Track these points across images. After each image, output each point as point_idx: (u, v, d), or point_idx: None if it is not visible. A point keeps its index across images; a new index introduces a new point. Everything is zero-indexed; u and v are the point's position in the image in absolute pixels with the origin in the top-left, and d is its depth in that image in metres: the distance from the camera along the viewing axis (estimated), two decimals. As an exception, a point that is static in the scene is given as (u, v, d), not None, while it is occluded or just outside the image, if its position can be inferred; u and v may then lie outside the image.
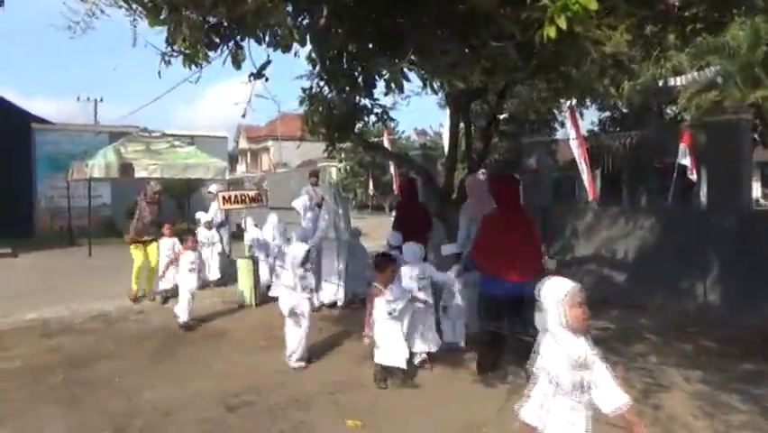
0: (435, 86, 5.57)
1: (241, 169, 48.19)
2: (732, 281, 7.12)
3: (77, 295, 8.73)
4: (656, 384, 4.99)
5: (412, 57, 3.50)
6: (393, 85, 3.72)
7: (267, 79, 4.37)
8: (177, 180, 15.79)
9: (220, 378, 5.31)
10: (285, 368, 5.56)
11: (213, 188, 11.75)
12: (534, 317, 2.90)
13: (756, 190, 16.23)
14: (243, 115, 4.86)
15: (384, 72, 5.13)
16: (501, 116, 12.70)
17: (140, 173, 13.94)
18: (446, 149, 13.29)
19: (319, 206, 8.62)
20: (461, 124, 8.36)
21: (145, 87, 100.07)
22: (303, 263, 5.70)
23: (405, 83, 4.46)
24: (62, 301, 8.30)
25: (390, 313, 4.87)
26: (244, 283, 8.45)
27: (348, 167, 32.14)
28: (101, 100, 31.28)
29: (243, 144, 53.84)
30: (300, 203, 8.81)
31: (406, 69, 3.91)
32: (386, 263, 5.06)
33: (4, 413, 4.55)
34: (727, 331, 6.46)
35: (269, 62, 4.31)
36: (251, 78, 4.32)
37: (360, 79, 5.63)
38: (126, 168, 13.83)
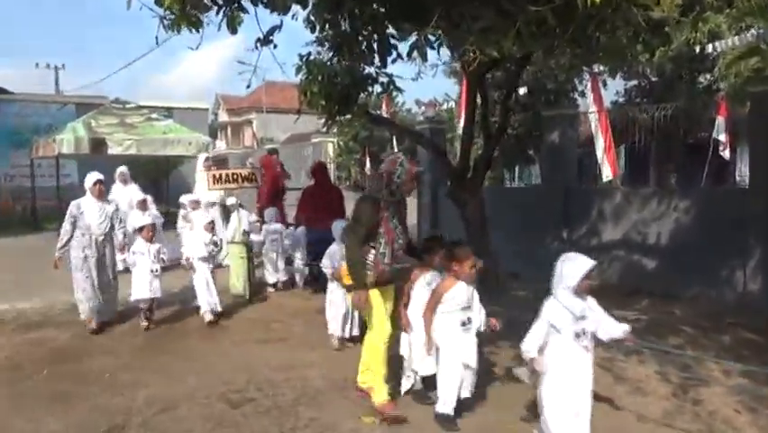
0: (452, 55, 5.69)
1: (220, 144, 48.01)
2: (774, 269, 7.28)
3: (51, 284, 8.80)
4: (694, 378, 5.17)
5: (437, 23, 3.59)
6: (416, 53, 3.82)
7: (275, 46, 4.46)
8: (153, 158, 15.84)
9: (218, 373, 5.46)
10: (286, 364, 5.71)
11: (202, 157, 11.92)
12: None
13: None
14: (248, 86, 4.98)
15: (399, 39, 5.26)
16: (521, 88, 12.80)
17: (114, 149, 14.01)
18: (459, 122, 13.46)
19: None
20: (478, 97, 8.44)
21: (111, 53, 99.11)
22: None
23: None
24: (35, 291, 8.40)
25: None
26: (237, 272, 8.57)
27: (342, 143, 32.08)
28: (62, 67, 31.00)
29: (223, 117, 53.62)
30: None
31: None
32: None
33: (-8, 411, 4.69)
34: (770, 322, 6.63)
35: (277, 26, 4.41)
36: (258, 44, 4.42)
37: (365, 46, 5.74)
38: (99, 143, 13.88)
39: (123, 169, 10.89)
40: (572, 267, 3.84)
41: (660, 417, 4.45)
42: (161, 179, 17.67)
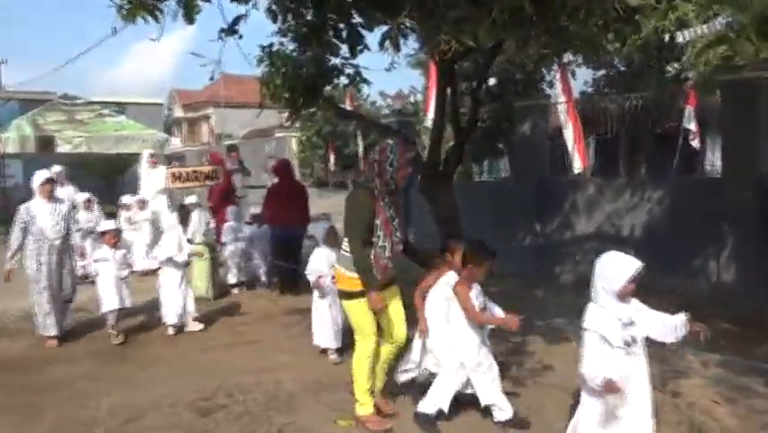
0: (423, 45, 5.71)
1: (175, 141, 47.27)
2: (748, 258, 7.52)
3: (1, 290, 8.61)
4: (672, 370, 5.31)
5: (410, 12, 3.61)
6: (389, 43, 3.83)
7: (241, 36, 4.43)
8: (104, 156, 15.59)
9: (184, 380, 5.42)
10: (256, 367, 5.69)
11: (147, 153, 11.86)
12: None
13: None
14: (212, 78, 4.94)
15: (367, 28, 5.28)
16: (491, 78, 12.92)
17: (63, 148, 13.77)
18: (428, 114, 13.52)
19: None
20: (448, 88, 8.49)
21: (53, 47, 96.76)
22: None
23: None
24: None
25: None
26: (199, 273, 8.49)
27: (304, 138, 31.93)
28: (5, 62, 30.20)
29: (179, 112, 52.86)
30: None
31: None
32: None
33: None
34: (745, 312, 6.85)
35: (243, 16, 4.38)
36: (223, 35, 4.39)
37: (333, 36, 5.75)
38: (46, 142, 13.59)
39: (58, 168, 10.42)
40: (616, 269, 3.42)
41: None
42: (115, 178, 17.38)
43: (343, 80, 6.78)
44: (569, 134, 11.49)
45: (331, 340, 5.93)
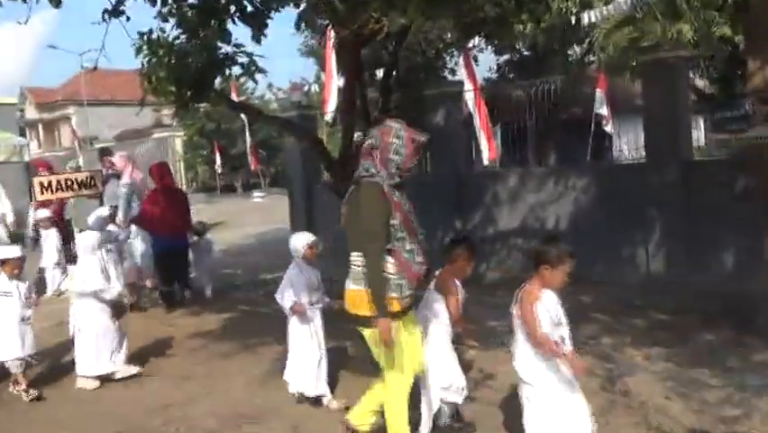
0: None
1: (31, 146, 44.49)
2: (676, 243, 7.87)
3: None
4: (617, 368, 5.43)
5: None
6: (304, 24, 3.64)
7: (128, 18, 4.11)
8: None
9: (78, 425, 5.04)
10: (160, 403, 5.34)
11: None
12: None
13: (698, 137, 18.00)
14: (95, 68, 4.54)
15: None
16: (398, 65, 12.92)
17: None
18: (327, 107, 13.37)
19: None
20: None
21: None
22: None
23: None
24: None
25: None
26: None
27: (186, 137, 30.89)
28: None
29: (32, 113, 49.77)
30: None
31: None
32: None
33: None
34: (680, 300, 7.13)
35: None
36: (107, 17, 4.05)
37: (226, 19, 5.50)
38: None
39: None
40: None
41: (595, 413, 4.60)
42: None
43: (236, 70, 6.53)
44: (477, 124, 11.67)
45: (312, 383, 5.00)
